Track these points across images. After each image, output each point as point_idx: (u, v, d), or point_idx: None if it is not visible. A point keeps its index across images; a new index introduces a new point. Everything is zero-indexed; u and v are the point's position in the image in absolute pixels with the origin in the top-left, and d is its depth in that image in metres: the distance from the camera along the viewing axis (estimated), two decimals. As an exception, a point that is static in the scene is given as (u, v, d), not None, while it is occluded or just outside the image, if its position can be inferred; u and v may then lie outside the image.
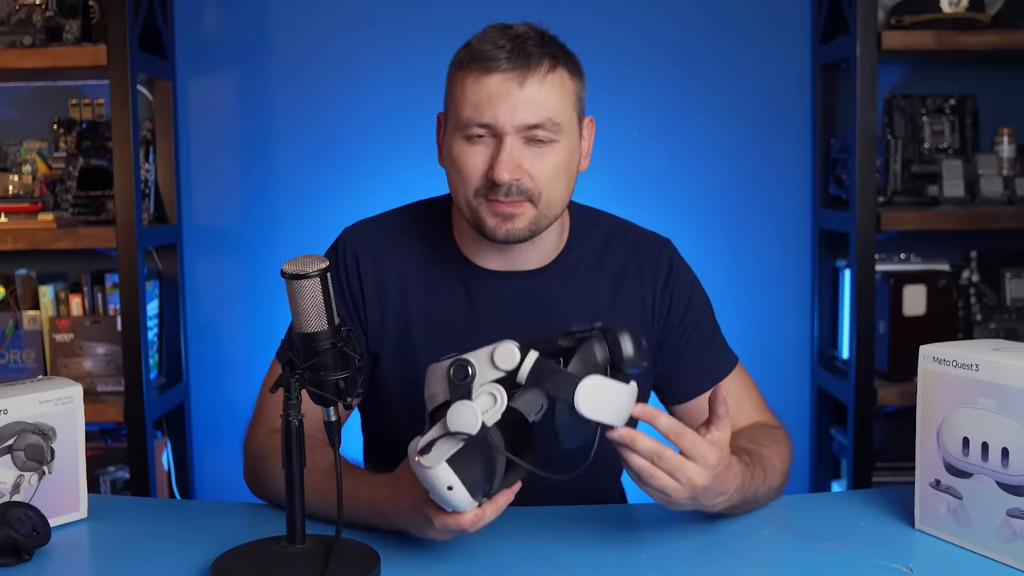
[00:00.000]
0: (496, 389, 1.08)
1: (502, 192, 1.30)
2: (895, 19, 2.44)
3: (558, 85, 1.31)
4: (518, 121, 1.29)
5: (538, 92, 1.29)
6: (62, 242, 2.39)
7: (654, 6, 2.65)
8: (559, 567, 1.17)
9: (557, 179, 1.33)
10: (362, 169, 2.65)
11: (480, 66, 1.29)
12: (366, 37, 2.64)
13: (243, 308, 2.71)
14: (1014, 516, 1.12)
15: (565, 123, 1.32)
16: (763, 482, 1.30)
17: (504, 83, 1.28)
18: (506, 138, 1.29)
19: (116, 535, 1.28)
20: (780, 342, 2.73)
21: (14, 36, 2.34)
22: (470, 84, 1.30)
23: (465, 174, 1.33)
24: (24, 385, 1.28)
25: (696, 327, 1.49)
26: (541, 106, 1.29)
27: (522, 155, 1.30)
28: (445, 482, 1.07)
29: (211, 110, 2.67)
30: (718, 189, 2.69)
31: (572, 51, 1.37)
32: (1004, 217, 2.46)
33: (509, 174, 1.29)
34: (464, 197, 1.35)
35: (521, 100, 1.29)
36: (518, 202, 1.31)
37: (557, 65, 1.32)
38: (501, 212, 1.32)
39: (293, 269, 1.10)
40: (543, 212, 1.34)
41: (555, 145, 1.32)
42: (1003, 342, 1.21)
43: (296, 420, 1.10)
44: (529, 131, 1.30)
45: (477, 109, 1.30)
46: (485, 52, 1.29)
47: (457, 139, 1.33)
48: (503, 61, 1.28)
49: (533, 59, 1.29)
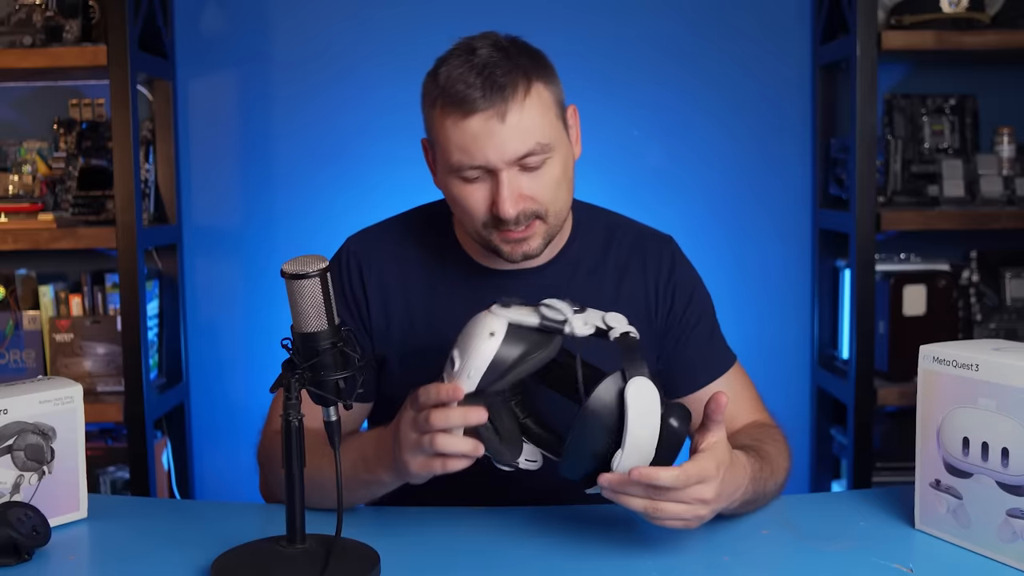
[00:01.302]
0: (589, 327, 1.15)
1: (511, 223, 1.31)
2: (895, 19, 2.44)
3: (537, 105, 1.30)
4: (509, 156, 1.28)
5: (521, 121, 1.28)
6: (62, 242, 2.39)
7: (654, 6, 2.65)
8: (559, 567, 1.17)
9: (559, 191, 1.34)
10: (362, 169, 2.65)
11: (457, 110, 1.28)
12: (366, 37, 2.65)
13: (243, 308, 2.71)
14: (1014, 516, 1.12)
15: (553, 138, 1.31)
16: (771, 476, 1.30)
17: (485, 122, 1.27)
18: (501, 174, 1.29)
19: (116, 535, 1.28)
20: (780, 342, 2.73)
21: (14, 36, 2.34)
22: (451, 128, 1.29)
23: (469, 213, 1.33)
24: (24, 385, 1.28)
25: (698, 323, 1.50)
26: (527, 133, 1.28)
27: (521, 183, 1.30)
28: (490, 327, 1.12)
29: (211, 110, 2.67)
30: (718, 189, 2.69)
31: (536, 49, 1.35)
32: (1004, 217, 2.46)
33: (514, 208, 1.30)
34: (474, 229, 1.35)
35: (506, 135, 1.27)
36: (528, 226, 1.32)
37: (531, 84, 1.29)
38: (514, 239, 1.33)
39: (293, 269, 1.10)
40: (553, 224, 1.35)
41: (549, 161, 1.31)
42: (1003, 342, 1.21)
43: (296, 420, 1.10)
44: (522, 160, 1.29)
45: (466, 153, 1.29)
46: (459, 94, 1.27)
47: (453, 179, 1.33)
48: (479, 100, 1.26)
49: (507, 90, 1.27)
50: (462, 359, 1.13)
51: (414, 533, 1.27)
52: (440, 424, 1.12)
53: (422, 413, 1.13)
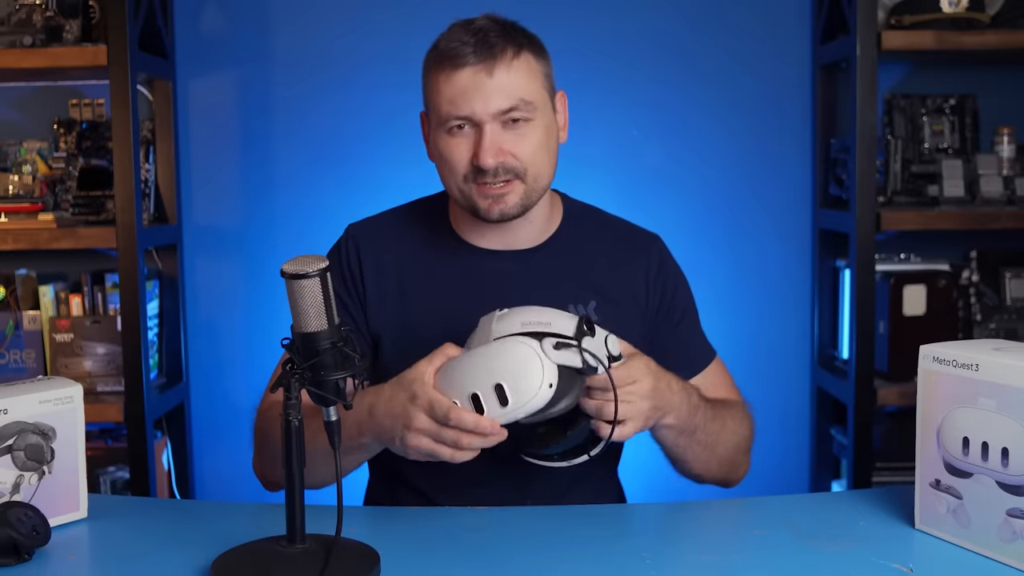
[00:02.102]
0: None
1: (489, 175, 1.38)
2: (895, 19, 2.44)
3: (525, 68, 1.39)
4: (493, 108, 1.36)
5: (507, 78, 1.37)
6: (62, 242, 2.39)
7: (654, 5, 2.65)
8: (559, 567, 1.17)
9: (539, 154, 1.40)
10: (362, 168, 2.65)
11: (450, 63, 1.37)
12: (366, 37, 2.65)
13: (243, 308, 2.71)
14: (1014, 516, 1.12)
15: (537, 101, 1.39)
16: (721, 427, 1.41)
17: (474, 75, 1.36)
18: (485, 126, 1.37)
19: (116, 535, 1.28)
20: (780, 342, 2.73)
21: (14, 36, 2.34)
22: (443, 82, 1.38)
23: (452, 164, 1.40)
24: (24, 385, 1.28)
25: (682, 319, 1.55)
26: (512, 90, 1.37)
27: (503, 138, 1.38)
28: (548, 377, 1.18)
29: (211, 110, 2.67)
30: (718, 189, 2.69)
31: (534, 33, 1.44)
32: (1004, 217, 2.46)
33: (493, 158, 1.37)
34: (455, 185, 1.42)
35: (492, 88, 1.36)
36: (507, 182, 1.39)
37: (521, 49, 1.39)
38: (492, 194, 1.39)
39: (293, 269, 1.10)
40: (531, 186, 1.41)
41: (532, 123, 1.39)
42: (1003, 342, 1.21)
43: (296, 420, 1.10)
44: (505, 115, 1.37)
45: (454, 104, 1.37)
46: (452, 50, 1.37)
47: (441, 134, 1.41)
48: (470, 56, 1.36)
49: (497, 48, 1.36)
50: (515, 400, 1.18)
51: (414, 533, 1.27)
52: (468, 446, 1.19)
53: (450, 432, 1.19)
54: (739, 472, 1.50)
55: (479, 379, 1.20)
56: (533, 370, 1.18)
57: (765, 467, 2.69)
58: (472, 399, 1.19)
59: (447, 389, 1.21)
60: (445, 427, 1.19)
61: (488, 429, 1.19)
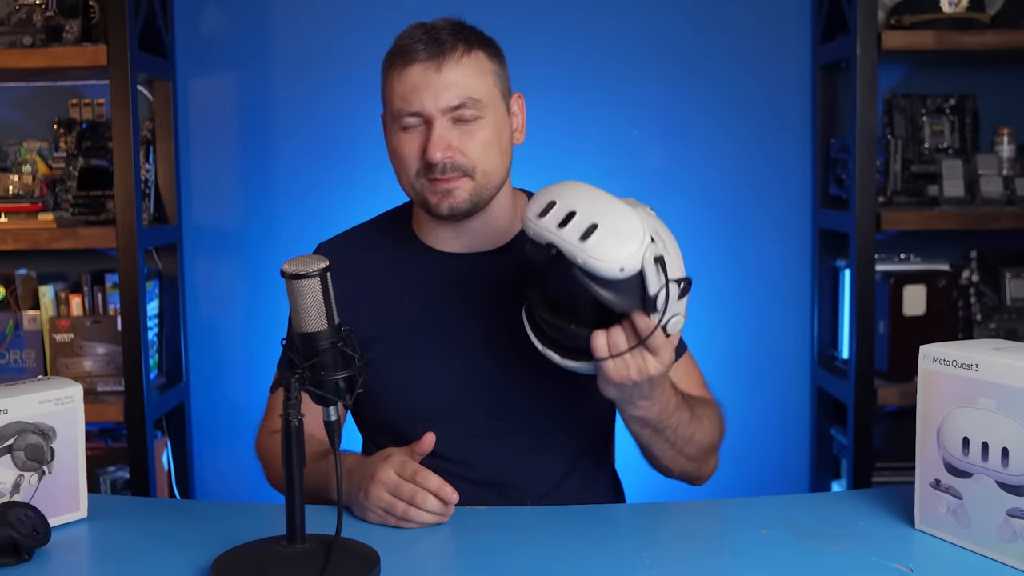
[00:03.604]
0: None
1: (438, 171, 1.39)
2: (895, 19, 2.44)
3: (474, 65, 1.41)
4: (441, 104, 1.38)
5: (455, 74, 1.39)
6: (62, 242, 2.39)
7: (654, 6, 2.65)
8: (559, 567, 1.17)
9: (488, 151, 1.42)
10: (362, 168, 2.65)
11: (402, 60, 1.40)
12: (366, 36, 2.64)
13: (243, 308, 2.71)
14: (1014, 516, 1.12)
15: (487, 99, 1.41)
16: (696, 428, 1.39)
17: (424, 72, 1.38)
18: (434, 121, 1.39)
19: (116, 535, 1.28)
20: (780, 342, 2.73)
21: (14, 36, 2.34)
22: (396, 78, 1.41)
23: (404, 160, 1.43)
24: (24, 385, 1.28)
25: None
26: (461, 87, 1.39)
27: (451, 135, 1.40)
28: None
29: (211, 110, 2.67)
30: (718, 189, 2.69)
31: (491, 37, 1.46)
32: (1004, 217, 2.46)
33: (441, 153, 1.38)
34: (408, 182, 1.44)
35: (441, 84, 1.38)
36: (455, 177, 1.40)
37: (472, 48, 1.41)
38: (441, 189, 1.41)
39: (293, 269, 1.10)
40: (481, 183, 1.42)
41: (481, 121, 1.41)
42: (1003, 342, 1.21)
43: (296, 420, 1.10)
44: (454, 112, 1.39)
45: (405, 100, 1.40)
46: (405, 47, 1.40)
47: (395, 131, 1.43)
48: (421, 52, 1.38)
49: (447, 46, 1.39)
50: (592, 247, 1.13)
51: (414, 533, 1.27)
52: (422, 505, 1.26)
53: (409, 487, 1.26)
54: (707, 470, 1.48)
55: (582, 202, 1.16)
56: (631, 251, 1.14)
57: (765, 467, 2.71)
58: (563, 214, 1.15)
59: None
60: (405, 482, 1.26)
61: (449, 496, 1.25)
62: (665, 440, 1.37)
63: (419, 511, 1.26)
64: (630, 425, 1.36)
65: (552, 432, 1.48)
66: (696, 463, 1.43)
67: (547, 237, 1.17)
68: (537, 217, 1.18)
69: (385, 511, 1.27)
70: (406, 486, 1.26)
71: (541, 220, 1.18)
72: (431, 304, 1.48)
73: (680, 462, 1.42)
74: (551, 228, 1.16)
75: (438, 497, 1.26)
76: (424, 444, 1.32)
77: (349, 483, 1.31)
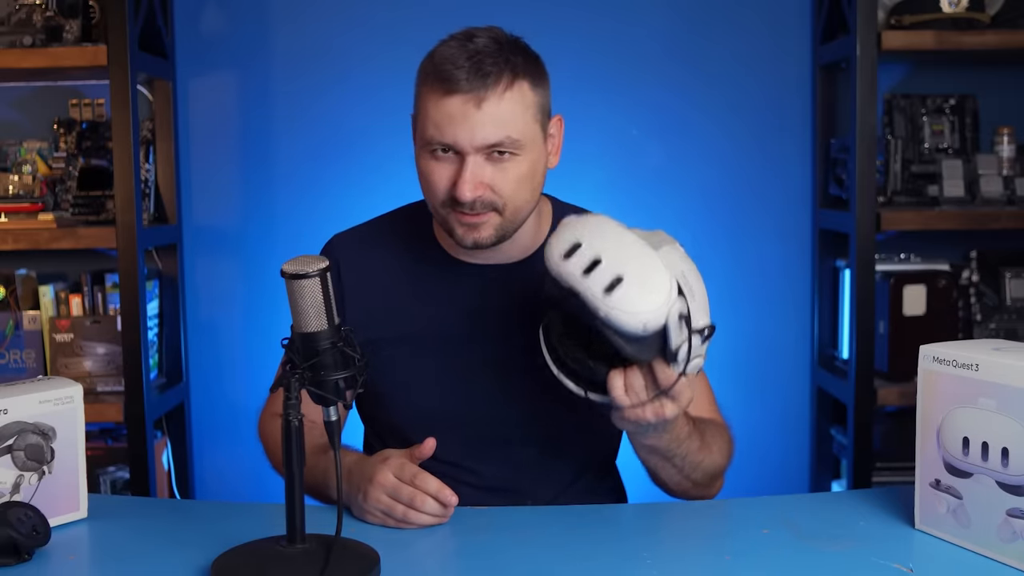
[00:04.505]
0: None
1: (467, 207, 1.34)
2: (895, 19, 2.44)
3: (517, 100, 1.33)
4: (478, 142, 1.32)
5: (496, 111, 1.32)
6: (62, 242, 2.39)
7: (654, 6, 2.65)
8: (559, 567, 1.17)
9: (520, 189, 1.36)
10: (363, 168, 2.65)
11: (441, 87, 1.32)
12: (366, 36, 2.64)
13: (243, 308, 2.71)
14: (1014, 516, 1.12)
15: (525, 137, 1.34)
16: (705, 456, 1.38)
17: (463, 105, 1.31)
18: (467, 157, 1.33)
19: (116, 535, 1.28)
20: (780, 342, 2.73)
21: (14, 36, 2.34)
22: (432, 104, 1.34)
23: (432, 188, 1.38)
24: (24, 385, 1.28)
25: None
26: (500, 125, 1.32)
27: (484, 171, 1.34)
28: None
29: (211, 110, 2.67)
30: (718, 189, 2.69)
31: (535, 53, 1.39)
32: (1004, 217, 2.46)
33: (471, 193, 1.33)
34: (433, 206, 1.40)
35: (479, 121, 1.31)
36: (483, 213, 1.35)
37: (516, 79, 1.33)
38: (467, 223, 1.36)
39: (293, 269, 1.10)
40: (509, 219, 1.38)
41: (517, 158, 1.35)
42: (1003, 342, 1.21)
43: (296, 420, 1.10)
44: (489, 149, 1.33)
45: (439, 129, 1.33)
46: (445, 73, 1.31)
47: (423, 153, 1.38)
48: (462, 82, 1.31)
49: (491, 78, 1.31)
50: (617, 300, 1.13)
51: (414, 533, 1.27)
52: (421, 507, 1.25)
53: (408, 490, 1.25)
54: (710, 493, 1.47)
55: (608, 247, 1.15)
56: (654, 307, 1.14)
57: (765, 467, 2.71)
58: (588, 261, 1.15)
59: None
60: (404, 485, 1.25)
61: (448, 500, 1.24)
62: (673, 467, 1.37)
63: (418, 513, 1.26)
64: (639, 452, 1.36)
65: (561, 443, 1.47)
66: (701, 488, 1.43)
67: (570, 283, 1.16)
68: (562, 259, 1.16)
69: (384, 513, 1.27)
70: (405, 489, 1.25)
71: (565, 263, 1.16)
72: (446, 310, 1.46)
73: (685, 486, 1.41)
74: (575, 274, 1.15)
75: (437, 500, 1.25)
76: (424, 449, 1.31)
77: (348, 484, 1.30)
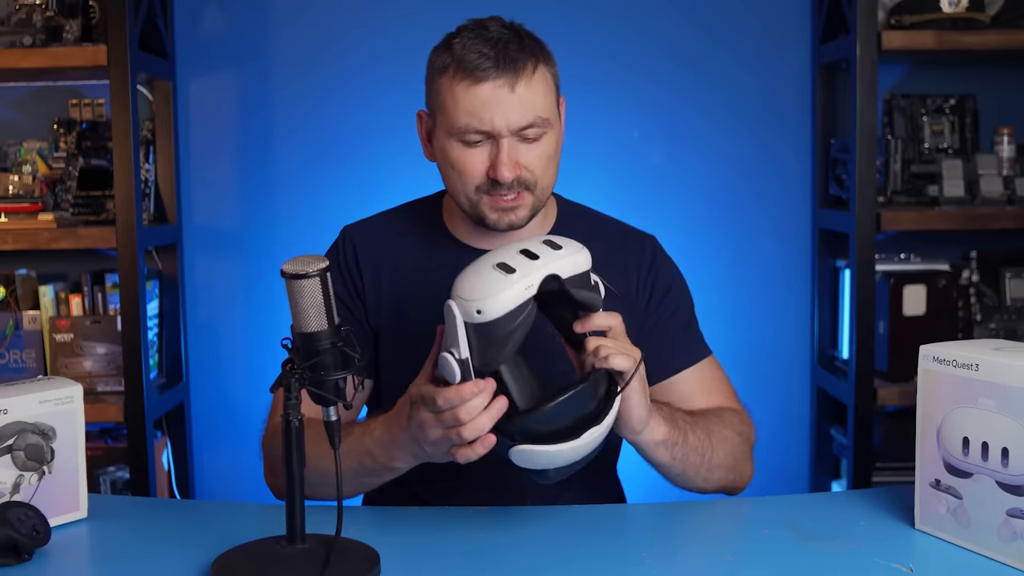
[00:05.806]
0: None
1: (504, 188, 1.39)
2: (895, 19, 2.44)
3: (542, 82, 1.39)
4: (513, 124, 1.37)
5: (527, 94, 1.37)
6: (62, 242, 2.39)
7: (655, 6, 2.65)
8: (559, 567, 1.17)
9: (549, 166, 1.42)
10: (363, 169, 2.65)
11: (470, 76, 1.36)
12: (365, 36, 2.65)
13: (243, 308, 2.71)
14: (1014, 516, 1.12)
15: (552, 116, 1.41)
16: (704, 439, 1.38)
17: (495, 90, 1.36)
18: (502, 140, 1.37)
19: (116, 535, 1.29)
20: (780, 342, 2.73)
21: (14, 36, 2.34)
22: (462, 93, 1.37)
23: (465, 175, 1.40)
24: (24, 385, 1.28)
25: (674, 313, 1.54)
26: (531, 107, 1.37)
27: (518, 152, 1.39)
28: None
29: (211, 110, 2.67)
30: (718, 189, 2.69)
31: (540, 40, 1.44)
32: (1004, 217, 2.46)
33: (510, 172, 1.38)
34: (464, 194, 1.42)
35: (513, 104, 1.36)
36: (519, 194, 1.40)
37: (539, 63, 1.39)
38: (503, 207, 1.41)
39: (293, 269, 1.10)
40: (539, 197, 1.43)
41: (545, 136, 1.40)
42: (1003, 342, 1.21)
43: (296, 420, 1.10)
44: (523, 130, 1.38)
45: (473, 116, 1.36)
46: (472, 62, 1.36)
47: (453, 143, 1.40)
48: (491, 70, 1.35)
49: (519, 63, 1.36)
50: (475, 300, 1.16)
51: (414, 533, 1.27)
52: (467, 419, 1.15)
53: (447, 414, 1.16)
54: (742, 480, 1.47)
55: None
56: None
57: (765, 467, 2.69)
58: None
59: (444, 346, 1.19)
60: (442, 413, 1.17)
61: (469, 390, 1.14)
62: (694, 450, 1.37)
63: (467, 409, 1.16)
64: (659, 458, 1.35)
65: None
66: (732, 474, 1.43)
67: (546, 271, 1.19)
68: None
69: (450, 444, 1.19)
70: (444, 416, 1.17)
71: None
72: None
73: (715, 479, 1.41)
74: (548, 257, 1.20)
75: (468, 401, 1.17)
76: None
77: (392, 440, 1.27)
